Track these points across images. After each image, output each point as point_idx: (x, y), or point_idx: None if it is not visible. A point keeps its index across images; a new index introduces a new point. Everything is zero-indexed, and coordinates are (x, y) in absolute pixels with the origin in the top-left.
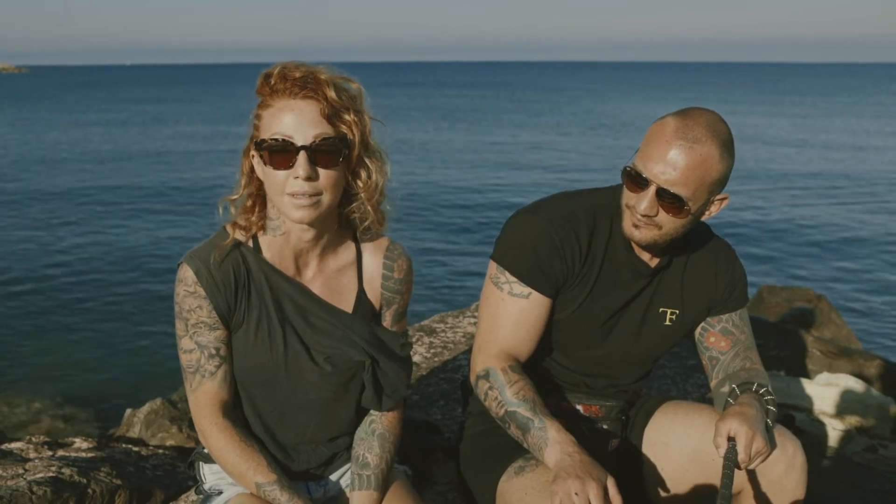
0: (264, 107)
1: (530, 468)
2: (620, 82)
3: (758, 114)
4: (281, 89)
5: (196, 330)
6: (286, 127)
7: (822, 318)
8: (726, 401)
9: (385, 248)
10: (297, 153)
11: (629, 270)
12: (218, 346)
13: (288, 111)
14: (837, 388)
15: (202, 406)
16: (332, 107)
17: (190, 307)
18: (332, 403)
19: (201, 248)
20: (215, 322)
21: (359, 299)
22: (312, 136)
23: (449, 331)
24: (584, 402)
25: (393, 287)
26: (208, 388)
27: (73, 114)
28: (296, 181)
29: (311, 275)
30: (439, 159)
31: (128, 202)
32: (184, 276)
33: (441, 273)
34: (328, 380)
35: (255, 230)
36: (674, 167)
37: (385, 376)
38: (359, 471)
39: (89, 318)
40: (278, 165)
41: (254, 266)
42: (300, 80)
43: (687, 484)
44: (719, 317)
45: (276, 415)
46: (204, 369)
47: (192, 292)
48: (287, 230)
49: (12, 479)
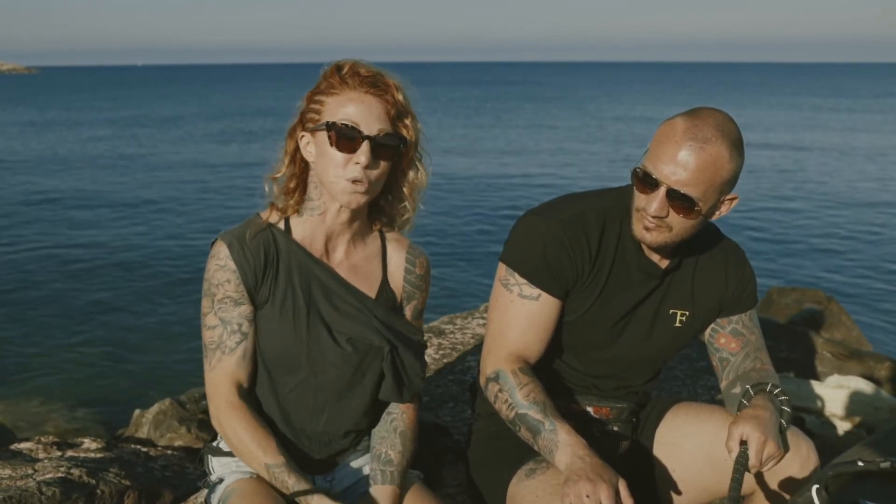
0: (330, 94)
1: (541, 471)
2: (630, 83)
3: (767, 113)
4: (352, 82)
5: (222, 306)
6: (354, 115)
7: (832, 320)
8: (740, 402)
9: (407, 245)
10: (363, 141)
11: (639, 271)
12: (241, 322)
13: (358, 102)
14: (848, 390)
15: (218, 385)
16: (397, 109)
17: (219, 281)
18: (349, 388)
19: (236, 228)
20: (241, 297)
21: (382, 287)
22: (377, 130)
23: (458, 332)
24: (594, 403)
25: (414, 282)
26: (227, 364)
27: (104, 112)
28: (355, 167)
29: (339, 259)
30: (446, 158)
31: (140, 203)
32: (216, 252)
33: (449, 274)
34: (347, 360)
35: (290, 212)
36: (684, 168)
37: (403, 365)
38: (381, 467)
39: (98, 318)
40: (343, 148)
41: (284, 245)
42: (371, 77)
43: (699, 486)
44: (729, 318)
45: (293, 396)
46: (225, 345)
47: (223, 265)
48: (325, 210)
49: (21, 480)
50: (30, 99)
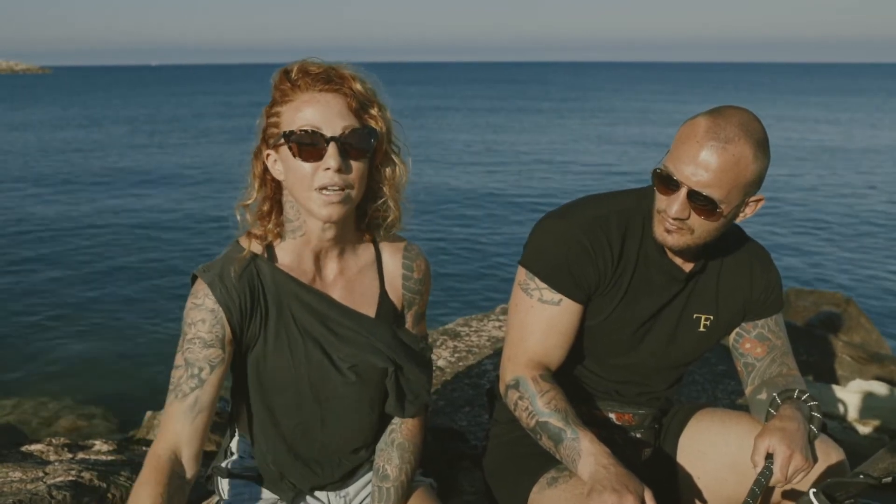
0: (283, 102)
1: (563, 480)
2: (641, 82)
3: (784, 111)
4: (303, 84)
5: (190, 346)
6: (313, 119)
7: (851, 323)
8: (767, 411)
9: (403, 249)
10: (328, 144)
11: (663, 275)
12: (202, 367)
13: (313, 104)
14: (869, 395)
15: (158, 435)
16: (358, 100)
17: (192, 320)
18: (357, 414)
19: (216, 263)
20: (213, 340)
21: (381, 301)
22: (341, 128)
23: (473, 334)
24: (616, 410)
25: (413, 287)
26: (174, 411)
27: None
28: (325, 173)
29: (333, 277)
30: (463, 158)
31: (156, 202)
32: (195, 290)
33: (465, 275)
34: (353, 389)
35: (270, 238)
36: (705, 168)
37: (408, 382)
38: (379, 483)
39: (110, 320)
40: (307, 157)
41: (269, 277)
42: (322, 74)
43: (724, 494)
44: (755, 322)
45: (299, 430)
46: (179, 389)
47: (199, 304)
48: (307, 230)
49: (32, 483)
50: (45, 98)
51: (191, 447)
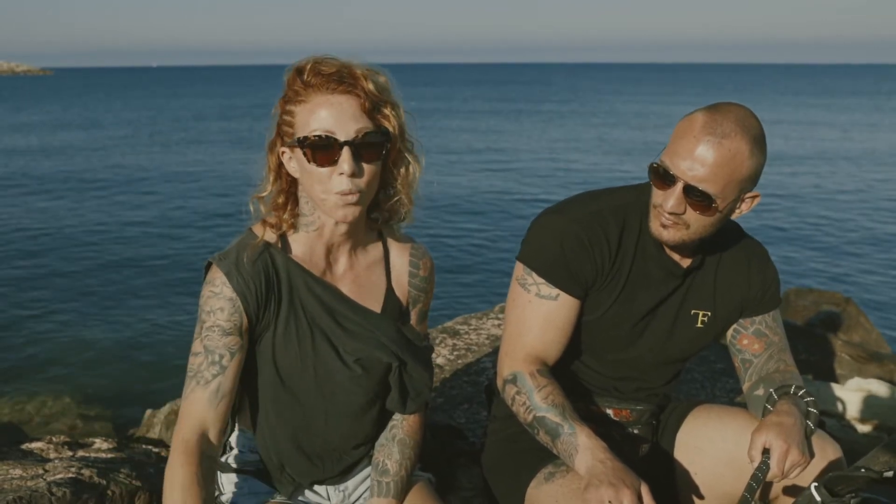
0: (297, 102)
1: (560, 475)
2: (642, 84)
3: (784, 113)
4: (316, 84)
5: (209, 333)
6: (326, 122)
7: (851, 322)
8: (764, 407)
9: (410, 247)
10: (341, 149)
11: (660, 270)
12: (223, 354)
13: (326, 106)
14: (868, 394)
15: (183, 418)
16: (371, 101)
17: (211, 308)
18: (359, 407)
19: (230, 250)
20: (232, 328)
21: (387, 297)
22: (355, 132)
23: (472, 333)
24: (614, 406)
25: (419, 285)
26: (198, 397)
27: (121, 112)
28: (340, 178)
29: (342, 271)
30: (461, 157)
31: (158, 200)
32: (212, 278)
33: (465, 274)
34: (358, 383)
35: (285, 228)
36: (702, 163)
37: (411, 379)
38: (378, 477)
39: (111, 317)
40: (322, 162)
41: (282, 266)
42: (335, 74)
43: (721, 489)
44: (752, 318)
45: (303, 423)
46: (201, 375)
47: (218, 293)
48: (321, 225)
49: (32, 480)
50: (46, 99)
51: (216, 429)
